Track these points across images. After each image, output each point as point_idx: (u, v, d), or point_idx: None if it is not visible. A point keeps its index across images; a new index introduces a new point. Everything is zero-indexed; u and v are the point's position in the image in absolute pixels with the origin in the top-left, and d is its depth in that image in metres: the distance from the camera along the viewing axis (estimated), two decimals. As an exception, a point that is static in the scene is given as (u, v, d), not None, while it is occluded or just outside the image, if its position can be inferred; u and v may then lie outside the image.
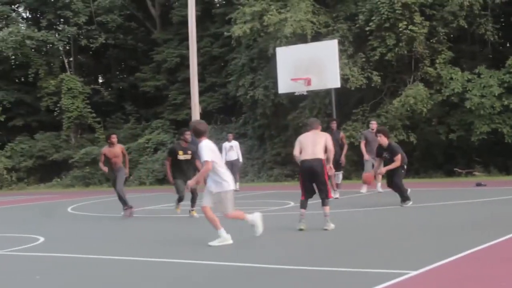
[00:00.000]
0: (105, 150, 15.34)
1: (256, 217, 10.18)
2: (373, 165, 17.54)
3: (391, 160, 13.94)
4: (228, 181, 9.71)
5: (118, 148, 15.23)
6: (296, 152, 11.00)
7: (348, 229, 10.95)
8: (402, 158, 13.88)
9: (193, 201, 13.80)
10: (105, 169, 15.33)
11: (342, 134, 17.80)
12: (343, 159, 17.13)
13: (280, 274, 7.37)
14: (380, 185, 17.42)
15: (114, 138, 15.32)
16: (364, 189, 17.71)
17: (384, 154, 14.17)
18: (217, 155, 9.80)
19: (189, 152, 13.83)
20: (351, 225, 11.53)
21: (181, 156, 13.80)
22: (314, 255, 8.64)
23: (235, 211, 9.95)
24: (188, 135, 13.83)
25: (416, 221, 11.75)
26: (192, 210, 13.80)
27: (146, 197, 22.34)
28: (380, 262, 7.68)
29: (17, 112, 38.79)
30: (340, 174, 17.10)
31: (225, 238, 9.64)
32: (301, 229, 10.57)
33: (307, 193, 10.88)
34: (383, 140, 14.04)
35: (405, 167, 14.42)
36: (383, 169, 14.19)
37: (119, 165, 15.10)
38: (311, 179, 10.80)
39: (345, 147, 17.45)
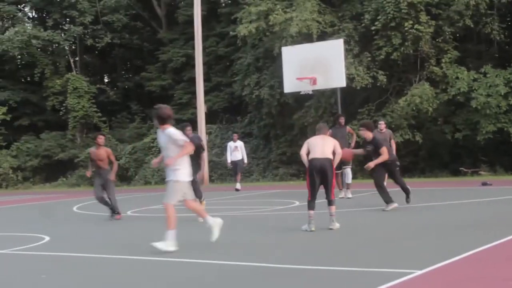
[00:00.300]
0: (91, 150, 14.75)
1: (172, 244, 9.11)
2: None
3: (376, 153, 13.29)
4: (185, 172, 9.30)
5: (104, 151, 14.42)
6: (302, 151, 11.06)
7: (353, 228, 10.93)
8: (388, 151, 13.38)
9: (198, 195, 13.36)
10: (88, 173, 14.81)
11: (349, 128, 17.57)
12: (353, 145, 17.05)
13: (285, 274, 7.37)
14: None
15: (100, 139, 14.56)
16: None
17: (367, 147, 13.51)
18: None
19: None
20: (356, 224, 11.51)
21: None
22: (318, 254, 8.62)
23: (173, 211, 9.24)
24: (189, 131, 13.24)
25: (421, 220, 11.72)
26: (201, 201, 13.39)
27: (152, 196, 22.34)
28: (385, 262, 7.66)
29: (23, 112, 38.89)
30: (349, 171, 16.78)
31: (215, 222, 9.52)
32: (312, 231, 10.54)
33: (315, 194, 10.87)
34: (367, 134, 13.41)
35: (398, 163, 14.11)
36: (371, 163, 13.34)
37: (104, 168, 14.37)
38: (321, 178, 10.78)
39: (354, 137, 17.30)
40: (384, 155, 13.14)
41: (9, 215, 18.51)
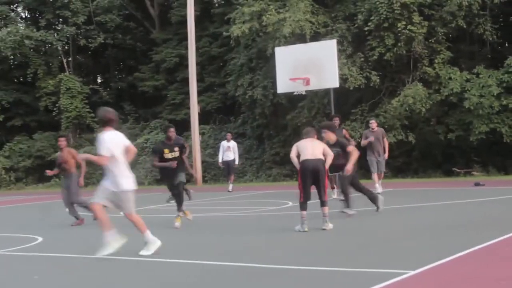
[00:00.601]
0: (57, 154, 14.44)
1: (154, 242, 9.11)
2: (377, 164, 17.50)
3: (344, 154, 12.35)
4: (127, 179, 8.98)
5: (66, 153, 13.92)
6: (292, 154, 11.08)
7: (347, 229, 10.95)
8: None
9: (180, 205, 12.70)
10: (50, 172, 14.62)
11: (345, 130, 17.20)
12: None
13: (279, 274, 7.38)
14: (378, 185, 17.41)
15: (60, 142, 14.16)
16: (379, 189, 17.45)
17: (333, 151, 12.26)
18: (119, 149, 8.96)
19: (176, 149, 12.69)
20: (350, 225, 11.52)
21: (168, 155, 12.58)
22: (312, 255, 8.63)
23: (138, 216, 9.18)
24: (171, 132, 12.79)
25: (414, 221, 11.74)
26: (183, 211, 12.75)
27: (145, 197, 22.29)
28: (378, 262, 7.68)
29: (16, 112, 38.76)
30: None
31: (114, 240, 8.99)
32: (305, 231, 10.56)
33: (307, 195, 10.88)
34: (330, 136, 12.48)
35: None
36: (349, 166, 12.10)
37: (69, 172, 14.01)
38: (313, 179, 10.80)
39: (351, 142, 16.63)
40: (355, 152, 12.31)
41: (2, 216, 18.47)
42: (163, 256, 8.86)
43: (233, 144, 22.62)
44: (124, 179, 8.95)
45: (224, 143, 22.65)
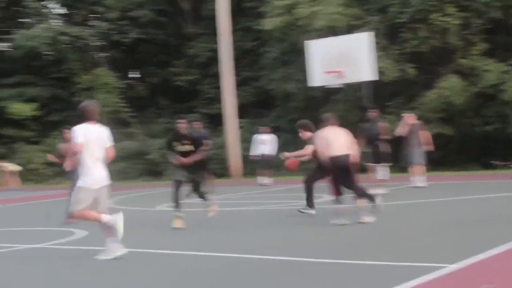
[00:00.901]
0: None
1: (116, 219, 8.82)
2: (409, 157, 17.39)
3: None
4: (86, 176, 8.55)
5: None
6: (322, 148, 10.93)
7: (386, 222, 10.89)
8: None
9: (203, 197, 12.03)
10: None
11: (382, 124, 16.54)
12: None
13: (318, 268, 7.39)
14: (413, 179, 17.30)
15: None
16: (422, 183, 17.28)
17: None
18: (92, 143, 8.65)
19: (185, 142, 11.51)
20: (389, 218, 11.44)
21: (179, 148, 11.51)
22: (351, 248, 8.64)
23: (83, 212, 8.69)
24: (179, 124, 11.65)
25: (453, 214, 11.67)
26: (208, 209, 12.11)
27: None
28: (417, 255, 7.66)
29: (53, 108, 39.19)
30: (385, 169, 16.00)
31: (113, 249, 8.68)
32: (345, 224, 10.50)
33: (340, 189, 10.84)
34: (306, 135, 12.40)
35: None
36: (287, 154, 12.93)
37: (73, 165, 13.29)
38: (344, 175, 10.74)
39: (381, 137, 16.02)
40: (307, 152, 12.10)
41: (43, 210, 18.74)
42: (193, 249, 8.93)
43: (269, 137, 22.61)
44: (83, 174, 8.56)
45: (257, 136, 22.67)
